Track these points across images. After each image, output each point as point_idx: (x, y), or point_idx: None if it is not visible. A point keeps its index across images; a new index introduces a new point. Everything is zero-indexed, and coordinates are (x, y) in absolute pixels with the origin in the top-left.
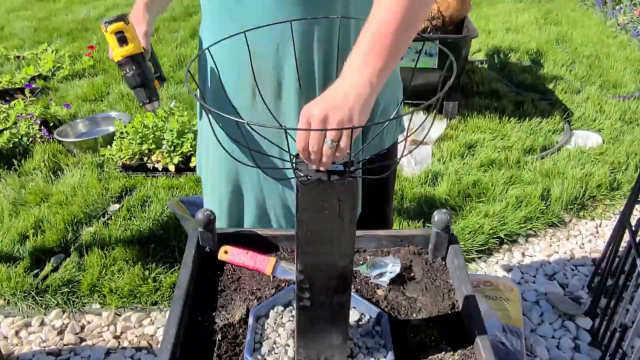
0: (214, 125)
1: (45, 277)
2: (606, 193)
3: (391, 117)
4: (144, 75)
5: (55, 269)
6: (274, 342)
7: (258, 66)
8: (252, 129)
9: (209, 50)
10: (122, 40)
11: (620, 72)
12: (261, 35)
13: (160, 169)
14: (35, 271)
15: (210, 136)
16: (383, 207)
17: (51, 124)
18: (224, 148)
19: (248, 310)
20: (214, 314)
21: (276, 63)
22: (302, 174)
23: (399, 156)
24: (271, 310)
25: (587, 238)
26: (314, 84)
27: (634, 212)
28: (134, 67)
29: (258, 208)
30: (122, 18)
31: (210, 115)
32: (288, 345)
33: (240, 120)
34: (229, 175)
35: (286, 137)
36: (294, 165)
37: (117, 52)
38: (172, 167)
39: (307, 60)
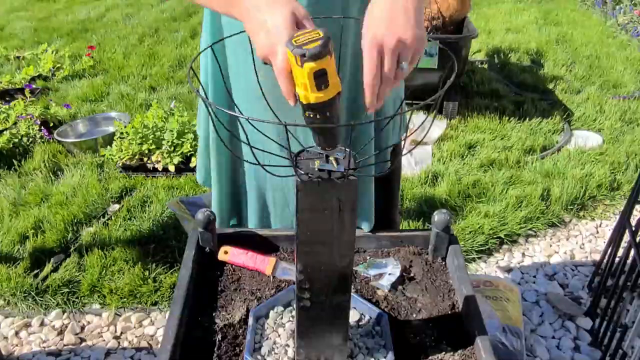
0: (215, 123)
1: (45, 277)
2: (606, 193)
3: (393, 115)
4: (332, 120)
5: (55, 269)
6: (274, 343)
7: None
8: (256, 127)
9: (212, 48)
10: (322, 81)
11: (620, 72)
12: None
13: (160, 169)
14: (35, 271)
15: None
16: (390, 209)
17: (51, 124)
18: (225, 146)
19: (248, 311)
20: (214, 314)
21: None
22: (302, 172)
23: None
24: (271, 311)
25: (587, 238)
26: None
27: (634, 212)
28: (324, 113)
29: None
30: (328, 50)
31: (212, 112)
32: (288, 346)
33: (240, 116)
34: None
35: (286, 133)
36: (294, 163)
37: (309, 95)
38: (172, 168)
39: None
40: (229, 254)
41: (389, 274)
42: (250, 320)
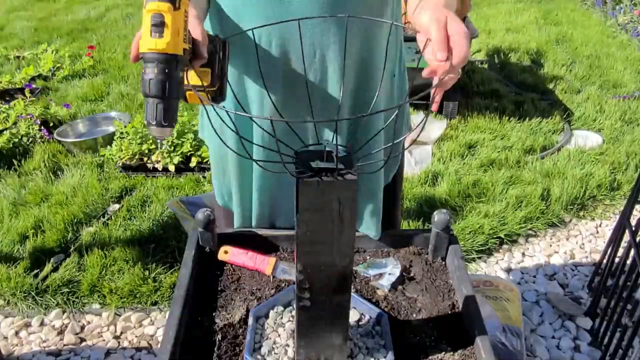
0: (212, 118)
1: (45, 277)
2: (606, 193)
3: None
4: (168, 87)
5: (55, 269)
6: (274, 342)
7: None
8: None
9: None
10: (158, 27)
11: (620, 72)
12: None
13: (160, 169)
14: (35, 271)
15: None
16: (391, 208)
17: (51, 124)
18: (222, 141)
19: (248, 311)
20: (214, 314)
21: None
22: (301, 170)
23: (401, 157)
24: (271, 311)
25: (587, 238)
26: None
27: (634, 212)
28: (156, 71)
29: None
30: (174, 3)
31: (208, 109)
32: (288, 345)
33: (232, 112)
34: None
35: (272, 128)
36: (292, 161)
37: (144, 42)
38: (172, 167)
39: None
40: (229, 254)
41: (389, 274)
42: (250, 320)
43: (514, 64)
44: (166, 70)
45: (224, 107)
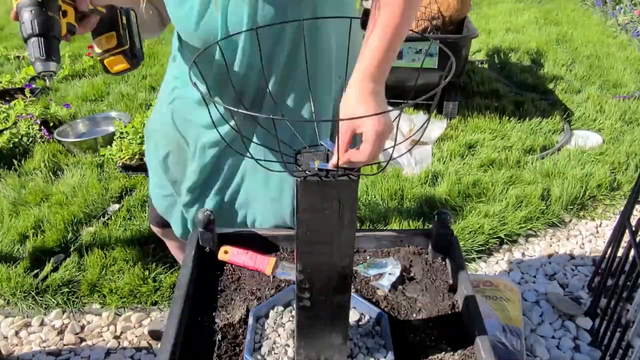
0: (217, 123)
1: (45, 277)
2: (606, 193)
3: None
4: (44, 23)
5: (55, 269)
6: (274, 342)
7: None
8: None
9: (218, 44)
10: None
11: (620, 72)
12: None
13: None
14: (35, 271)
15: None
16: None
17: (51, 124)
18: (226, 142)
19: (248, 310)
20: (214, 314)
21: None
22: (301, 170)
23: (394, 154)
24: (271, 310)
25: (587, 238)
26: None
27: (634, 212)
28: (29, 13)
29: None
30: None
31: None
32: (288, 345)
33: (236, 110)
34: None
35: (274, 127)
36: (293, 162)
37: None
38: None
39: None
40: (229, 254)
41: (389, 274)
42: (250, 320)
43: (514, 64)
44: (32, 11)
45: (240, 111)
